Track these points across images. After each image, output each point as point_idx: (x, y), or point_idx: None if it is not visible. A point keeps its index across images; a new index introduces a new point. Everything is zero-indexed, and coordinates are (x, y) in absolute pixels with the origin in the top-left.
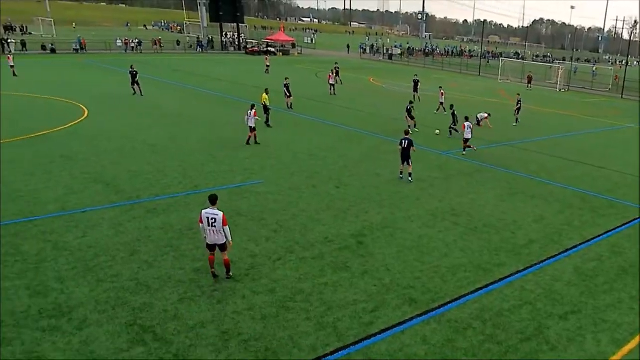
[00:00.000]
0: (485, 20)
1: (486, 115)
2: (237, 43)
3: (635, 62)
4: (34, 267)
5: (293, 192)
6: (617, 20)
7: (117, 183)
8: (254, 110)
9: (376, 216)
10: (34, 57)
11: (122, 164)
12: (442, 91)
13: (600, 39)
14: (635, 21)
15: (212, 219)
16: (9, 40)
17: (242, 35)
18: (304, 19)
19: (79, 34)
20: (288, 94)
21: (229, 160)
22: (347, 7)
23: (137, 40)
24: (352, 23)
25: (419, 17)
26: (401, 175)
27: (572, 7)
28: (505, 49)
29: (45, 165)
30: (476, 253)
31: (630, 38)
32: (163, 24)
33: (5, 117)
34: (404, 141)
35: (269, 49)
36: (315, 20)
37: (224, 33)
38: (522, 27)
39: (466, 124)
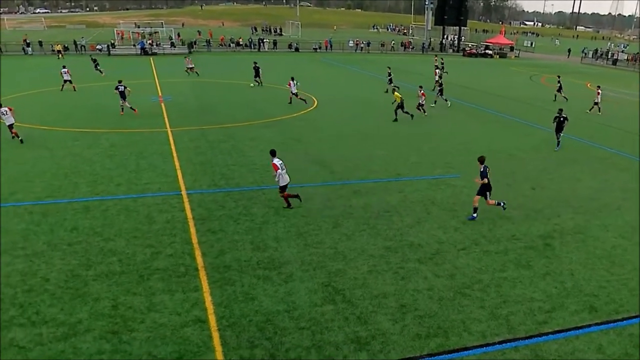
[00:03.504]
0: None
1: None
2: (456, 45)
3: None
4: (258, 226)
5: None
6: None
7: (332, 165)
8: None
9: (568, 221)
10: (281, 54)
11: (338, 149)
12: (598, 90)
13: None
14: None
15: (283, 164)
16: (264, 40)
17: (463, 37)
18: (528, 23)
19: (325, 36)
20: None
21: (433, 153)
22: (575, 9)
23: (366, 42)
24: (577, 27)
25: None
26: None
27: None
28: None
29: (278, 144)
30: None
31: None
32: (391, 27)
33: (252, 105)
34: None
35: (487, 51)
36: (539, 24)
37: (445, 36)
38: None
39: (420, 92)
